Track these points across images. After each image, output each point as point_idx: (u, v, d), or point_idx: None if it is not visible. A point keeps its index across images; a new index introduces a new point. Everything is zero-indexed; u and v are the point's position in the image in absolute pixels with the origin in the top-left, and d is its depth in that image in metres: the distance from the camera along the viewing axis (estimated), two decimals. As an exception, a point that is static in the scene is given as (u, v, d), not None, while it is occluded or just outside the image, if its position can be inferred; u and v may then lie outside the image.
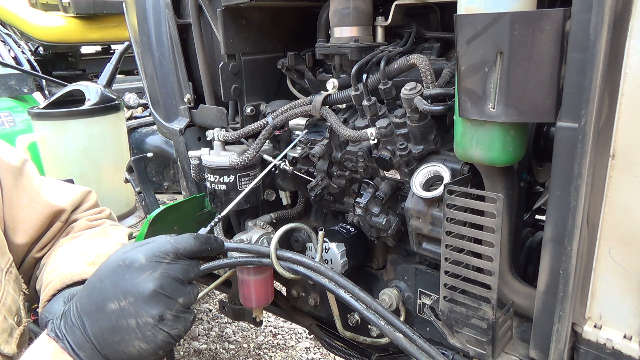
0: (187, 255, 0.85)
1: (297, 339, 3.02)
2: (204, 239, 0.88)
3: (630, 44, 0.65)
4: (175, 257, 0.82)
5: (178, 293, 0.81)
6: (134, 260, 0.80)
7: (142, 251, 0.81)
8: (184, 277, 0.82)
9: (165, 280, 0.79)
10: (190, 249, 0.85)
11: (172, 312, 0.79)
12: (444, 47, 1.16)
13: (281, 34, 1.39)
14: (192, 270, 0.85)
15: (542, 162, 1.07)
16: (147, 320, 0.77)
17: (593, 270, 0.75)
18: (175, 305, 0.80)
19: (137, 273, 0.79)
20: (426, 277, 1.16)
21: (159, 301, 0.78)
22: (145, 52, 1.61)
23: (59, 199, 1.15)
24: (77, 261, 1.05)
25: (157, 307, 0.78)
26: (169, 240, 0.84)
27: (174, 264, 0.82)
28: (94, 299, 0.79)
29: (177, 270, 0.81)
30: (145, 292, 0.78)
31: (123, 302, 0.77)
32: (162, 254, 0.81)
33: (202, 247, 0.87)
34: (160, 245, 0.82)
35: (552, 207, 0.76)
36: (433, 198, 0.96)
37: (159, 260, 0.80)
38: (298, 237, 1.35)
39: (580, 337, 0.78)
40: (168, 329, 0.79)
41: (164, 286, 0.79)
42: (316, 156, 1.17)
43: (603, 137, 0.69)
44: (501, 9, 0.71)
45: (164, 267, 0.80)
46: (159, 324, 0.78)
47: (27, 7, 3.35)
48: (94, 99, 2.19)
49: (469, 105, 0.78)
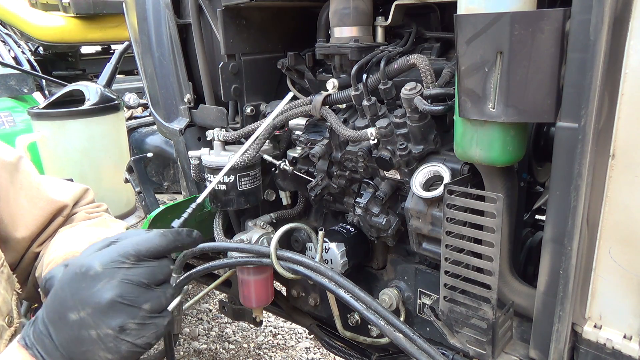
0: (153, 255, 0.78)
1: (297, 339, 3.02)
2: (174, 235, 0.82)
3: (630, 44, 0.65)
4: (136, 260, 0.76)
5: (143, 299, 0.75)
6: (89, 268, 0.75)
7: (98, 257, 0.76)
8: (149, 281, 0.77)
9: (124, 287, 0.74)
10: (155, 249, 0.78)
11: (135, 321, 0.74)
12: (444, 47, 1.16)
13: (281, 34, 1.39)
14: (161, 272, 0.79)
15: (542, 162, 1.07)
16: (107, 332, 0.73)
17: (593, 270, 0.75)
18: (140, 313, 0.75)
19: (92, 282, 0.74)
20: (426, 277, 1.16)
21: (119, 311, 0.73)
22: (145, 52, 1.61)
23: (60, 194, 1.14)
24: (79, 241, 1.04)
25: (116, 318, 0.73)
26: (131, 241, 0.78)
27: (135, 267, 0.76)
28: (56, 308, 0.76)
29: (139, 274, 0.76)
30: (102, 303, 0.73)
31: (82, 313, 0.73)
32: (121, 257, 0.75)
33: (171, 245, 0.81)
34: (119, 249, 0.77)
35: (552, 207, 0.76)
36: (433, 198, 0.96)
37: (116, 266, 0.75)
38: (298, 237, 1.35)
39: (580, 337, 0.78)
40: (132, 339, 0.74)
41: (123, 294, 0.73)
42: (316, 156, 1.17)
43: (603, 137, 0.69)
44: (501, 9, 0.71)
45: (123, 272, 0.75)
46: (120, 334, 0.73)
47: (27, 7, 3.34)
48: (93, 99, 2.19)
49: (469, 105, 0.78)
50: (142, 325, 0.75)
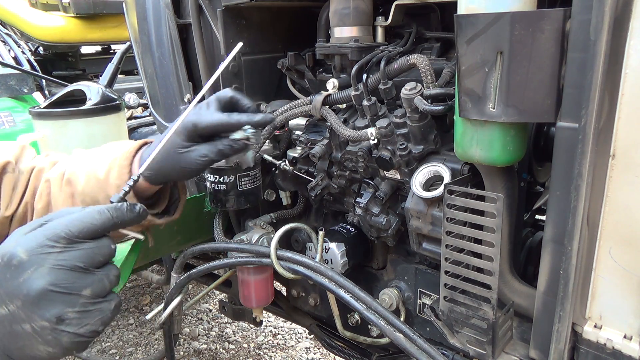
0: (89, 236, 0.71)
1: (297, 339, 3.02)
2: (112, 212, 0.74)
3: (630, 44, 0.65)
4: (69, 242, 0.69)
5: (81, 284, 0.68)
6: (12, 256, 0.67)
7: (22, 243, 0.68)
8: (87, 264, 0.70)
9: (57, 274, 0.67)
10: (90, 228, 0.71)
11: (75, 309, 0.68)
12: (444, 47, 1.16)
13: (281, 34, 1.39)
14: (100, 253, 0.72)
15: (542, 162, 1.07)
16: (43, 324, 0.67)
17: (593, 270, 0.75)
18: (80, 300, 0.68)
19: (18, 272, 0.67)
20: (426, 277, 1.16)
21: (53, 300, 0.67)
22: (145, 52, 1.61)
23: (26, 163, 1.06)
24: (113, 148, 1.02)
25: (51, 308, 0.67)
26: (61, 222, 0.70)
27: (68, 250, 0.69)
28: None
29: (74, 257, 0.69)
30: (31, 294, 0.66)
31: (11, 307, 0.67)
32: (50, 241, 0.68)
33: (109, 223, 0.73)
34: (47, 231, 0.69)
35: (552, 207, 0.76)
36: (433, 198, 0.96)
37: (45, 252, 0.67)
38: (298, 237, 1.35)
39: (580, 337, 0.78)
40: (73, 328, 0.68)
41: (56, 282, 0.67)
42: (316, 156, 1.17)
43: (603, 137, 0.69)
44: (501, 9, 0.71)
45: (53, 258, 0.67)
46: (58, 325, 0.67)
47: (27, 7, 3.34)
48: (95, 99, 2.19)
49: (469, 105, 0.78)
50: (83, 312, 0.69)
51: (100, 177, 1.01)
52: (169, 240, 1.39)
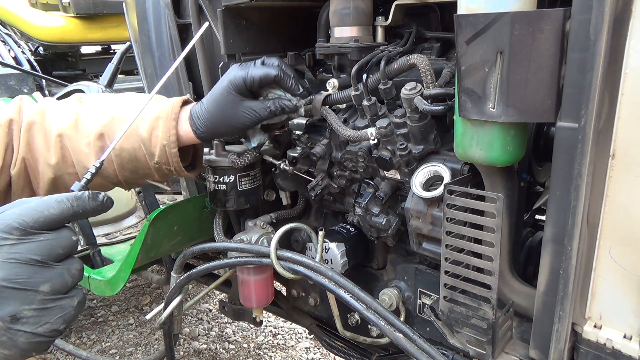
0: (46, 226, 0.66)
1: (297, 339, 3.02)
2: (71, 201, 0.69)
3: (630, 43, 0.65)
4: (23, 234, 0.64)
5: (38, 279, 0.63)
6: None
7: None
8: (45, 257, 0.64)
9: (10, 268, 0.62)
10: (47, 218, 0.66)
11: (32, 307, 0.63)
12: (444, 47, 1.16)
13: (281, 34, 1.39)
14: (60, 245, 0.66)
15: (542, 162, 1.07)
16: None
17: (593, 270, 0.75)
18: (37, 296, 0.63)
19: None
20: (426, 277, 1.16)
21: (6, 297, 0.61)
22: (145, 52, 1.61)
23: (1, 114, 1.02)
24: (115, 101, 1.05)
25: (4, 306, 0.61)
26: (14, 212, 0.65)
27: (22, 242, 0.63)
28: None
29: (29, 250, 0.63)
30: None
31: None
32: (2, 233, 0.63)
33: (68, 212, 0.68)
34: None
35: (552, 207, 0.76)
36: (433, 198, 0.96)
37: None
38: (298, 237, 1.35)
39: (580, 337, 0.78)
40: (30, 327, 0.63)
41: (9, 277, 0.61)
42: (317, 156, 1.17)
43: (603, 137, 0.69)
44: (501, 9, 0.71)
45: (5, 251, 0.62)
46: (14, 325, 0.62)
47: (27, 7, 3.34)
48: (94, 99, 2.19)
49: (469, 105, 0.78)
50: (42, 310, 0.64)
51: (143, 135, 1.02)
52: (169, 240, 1.39)
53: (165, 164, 1.08)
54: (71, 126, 1.04)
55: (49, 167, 1.03)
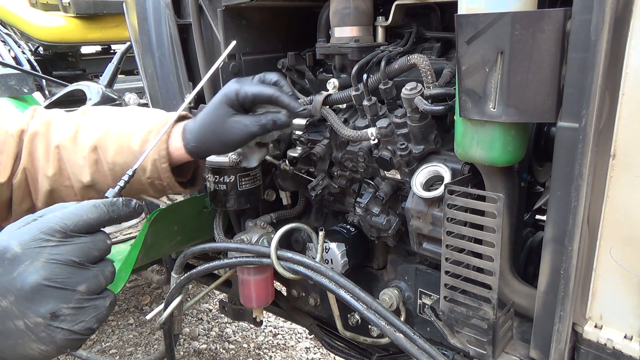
0: (84, 230, 0.70)
1: (297, 339, 3.02)
2: (107, 206, 0.73)
3: (631, 43, 0.65)
4: (64, 236, 0.67)
5: (76, 279, 0.67)
6: (5, 250, 0.65)
7: (16, 236, 0.66)
8: (82, 259, 0.68)
9: (52, 268, 0.65)
10: (85, 222, 0.69)
11: (70, 305, 0.66)
12: (444, 47, 1.16)
13: (281, 34, 1.39)
14: (96, 248, 0.70)
15: (542, 162, 1.07)
16: (37, 320, 0.65)
17: (594, 270, 0.75)
18: (75, 296, 0.66)
19: (11, 265, 0.65)
20: (426, 277, 1.16)
21: (48, 295, 0.65)
22: (145, 52, 1.61)
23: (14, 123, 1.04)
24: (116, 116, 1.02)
25: (45, 304, 0.65)
26: (56, 215, 0.69)
27: (63, 244, 0.67)
28: None
29: (69, 252, 0.67)
30: (25, 288, 0.64)
31: (4, 302, 0.65)
32: (45, 235, 0.66)
33: (105, 217, 0.72)
34: (41, 225, 0.67)
35: (553, 207, 0.76)
36: (433, 198, 0.96)
37: (39, 245, 0.65)
38: (298, 237, 1.35)
39: (580, 337, 0.78)
40: (68, 325, 0.66)
41: (50, 276, 0.65)
42: (317, 156, 1.17)
43: (604, 137, 0.69)
44: (502, 9, 0.71)
45: (48, 252, 0.65)
46: (53, 322, 0.65)
47: (27, 7, 3.34)
48: (95, 99, 2.19)
49: (470, 105, 0.78)
50: (78, 309, 0.67)
51: (134, 148, 1.00)
52: (169, 240, 1.39)
53: (157, 179, 1.05)
54: (70, 138, 1.03)
55: (46, 179, 1.02)
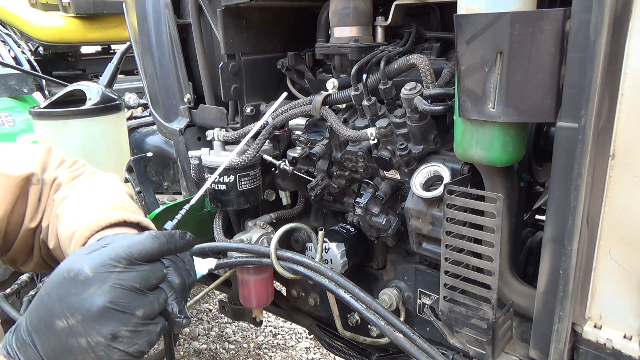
0: (146, 259, 0.75)
1: (297, 339, 3.02)
2: (166, 238, 0.78)
3: (630, 43, 0.65)
4: (129, 264, 0.73)
5: (135, 305, 0.72)
6: (79, 272, 0.71)
7: (88, 260, 0.72)
8: (142, 286, 0.73)
9: (116, 293, 0.70)
10: (148, 252, 0.75)
11: (128, 328, 0.71)
12: (444, 47, 1.16)
13: (281, 34, 1.39)
14: (154, 276, 0.75)
15: (542, 162, 1.07)
16: (99, 339, 0.69)
17: (593, 270, 0.75)
18: (133, 320, 0.71)
19: (83, 287, 0.70)
20: (426, 277, 1.16)
21: (111, 318, 0.70)
22: (145, 52, 1.61)
23: (20, 167, 1.06)
24: (97, 209, 0.99)
25: (108, 325, 0.70)
26: (122, 244, 0.74)
27: (127, 271, 0.72)
28: (41, 315, 0.72)
29: (132, 278, 0.72)
30: (93, 310, 0.69)
31: (71, 320, 0.70)
32: (113, 261, 0.72)
33: (164, 248, 0.77)
34: (111, 252, 0.73)
35: (552, 207, 0.76)
36: (433, 198, 0.96)
37: (108, 270, 0.71)
38: (298, 237, 1.35)
39: (580, 337, 0.78)
40: (124, 347, 0.71)
41: (115, 300, 0.70)
42: (317, 156, 1.17)
43: (603, 137, 0.69)
44: (501, 9, 0.71)
45: (114, 277, 0.71)
46: (112, 342, 0.70)
47: (27, 7, 3.35)
48: (95, 99, 2.19)
49: (469, 105, 0.78)
50: (134, 332, 0.72)
51: (67, 235, 1.00)
52: (169, 240, 1.39)
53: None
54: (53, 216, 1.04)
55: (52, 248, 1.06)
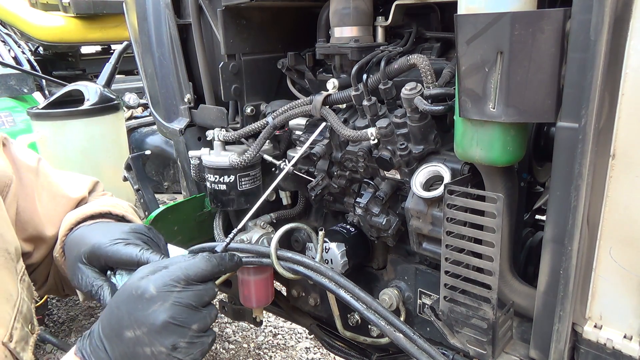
0: (199, 280, 0.85)
1: (297, 339, 3.02)
2: (217, 261, 0.89)
3: (630, 44, 0.65)
4: (186, 284, 0.83)
5: (191, 320, 0.82)
6: (145, 291, 0.82)
7: (152, 281, 0.83)
8: (197, 303, 0.83)
9: (176, 309, 0.81)
10: (202, 274, 0.86)
11: (185, 340, 0.81)
12: (444, 47, 1.16)
13: (281, 34, 1.39)
14: (207, 294, 0.86)
15: (542, 162, 1.07)
16: (161, 349, 0.80)
17: (593, 270, 0.75)
18: (189, 333, 0.82)
19: (148, 304, 0.81)
20: (426, 277, 1.16)
21: (171, 331, 0.80)
22: (145, 52, 1.61)
23: (77, 190, 1.22)
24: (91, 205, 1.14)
25: (169, 337, 0.80)
26: (181, 266, 0.85)
27: (185, 291, 0.83)
28: (113, 325, 0.83)
29: (189, 297, 0.83)
30: (157, 324, 0.80)
31: (138, 332, 0.80)
32: (173, 282, 0.82)
33: (215, 270, 0.88)
34: (171, 274, 0.83)
35: (553, 207, 0.76)
36: (433, 198, 0.96)
37: (169, 290, 0.82)
38: (298, 237, 1.35)
39: (580, 337, 0.78)
40: (182, 356, 0.81)
41: (175, 316, 0.80)
42: (317, 156, 1.17)
43: (603, 137, 0.69)
44: (501, 9, 0.71)
45: (174, 296, 0.81)
46: (172, 352, 0.80)
47: (27, 7, 3.35)
48: (93, 99, 2.19)
49: (469, 105, 0.78)
50: (191, 344, 0.82)
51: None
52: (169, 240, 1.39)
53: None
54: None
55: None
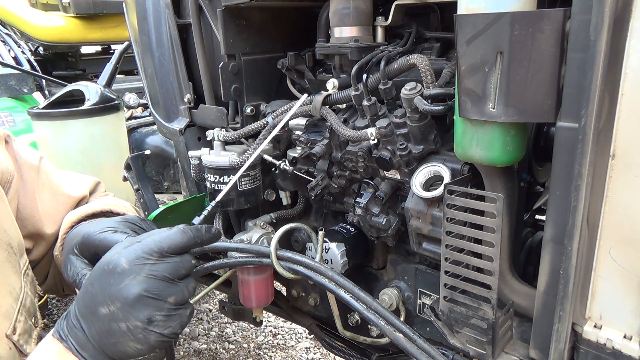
0: (175, 252, 0.84)
1: (297, 339, 3.02)
2: (193, 232, 0.87)
3: (630, 44, 0.65)
4: (160, 256, 0.82)
5: (167, 293, 0.81)
6: (116, 265, 0.80)
7: (124, 254, 0.81)
8: (172, 275, 0.82)
9: (150, 282, 0.79)
10: (177, 246, 0.84)
11: (162, 313, 0.80)
12: (444, 47, 1.16)
13: (281, 34, 1.39)
14: (183, 267, 0.84)
15: (542, 162, 1.07)
16: (136, 324, 0.78)
17: (593, 270, 0.75)
18: (166, 305, 0.80)
19: (120, 278, 0.79)
20: (426, 277, 1.16)
21: (146, 304, 0.79)
22: (145, 52, 1.61)
23: (78, 189, 1.22)
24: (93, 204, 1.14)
25: (144, 311, 0.79)
26: (154, 239, 0.83)
27: (159, 263, 0.81)
28: (87, 303, 0.81)
29: (163, 269, 0.81)
30: (130, 297, 0.78)
31: (112, 307, 0.79)
32: (146, 254, 0.81)
33: (191, 242, 0.87)
34: (144, 246, 0.82)
35: (552, 207, 0.76)
36: (433, 198, 0.96)
37: (142, 263, 0.80)
38: (298, 237, 1.35)
39: (580, 337, 0.78)
40: (159, 329, 0.80)
41: (148, 289, 0.79)
42: (317, 156, 1.17)
43: (603, 137, 0.69)
44: (501, 9, 0.71)
45: (147, 268, 0.80)
46: (149, 326, 0.79)
47: (27, 7, 3.35)
48: (93, 99, 2.19)
49: (469, 105, 0.78)
50: (168, 316, 0.80)
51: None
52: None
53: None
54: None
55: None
